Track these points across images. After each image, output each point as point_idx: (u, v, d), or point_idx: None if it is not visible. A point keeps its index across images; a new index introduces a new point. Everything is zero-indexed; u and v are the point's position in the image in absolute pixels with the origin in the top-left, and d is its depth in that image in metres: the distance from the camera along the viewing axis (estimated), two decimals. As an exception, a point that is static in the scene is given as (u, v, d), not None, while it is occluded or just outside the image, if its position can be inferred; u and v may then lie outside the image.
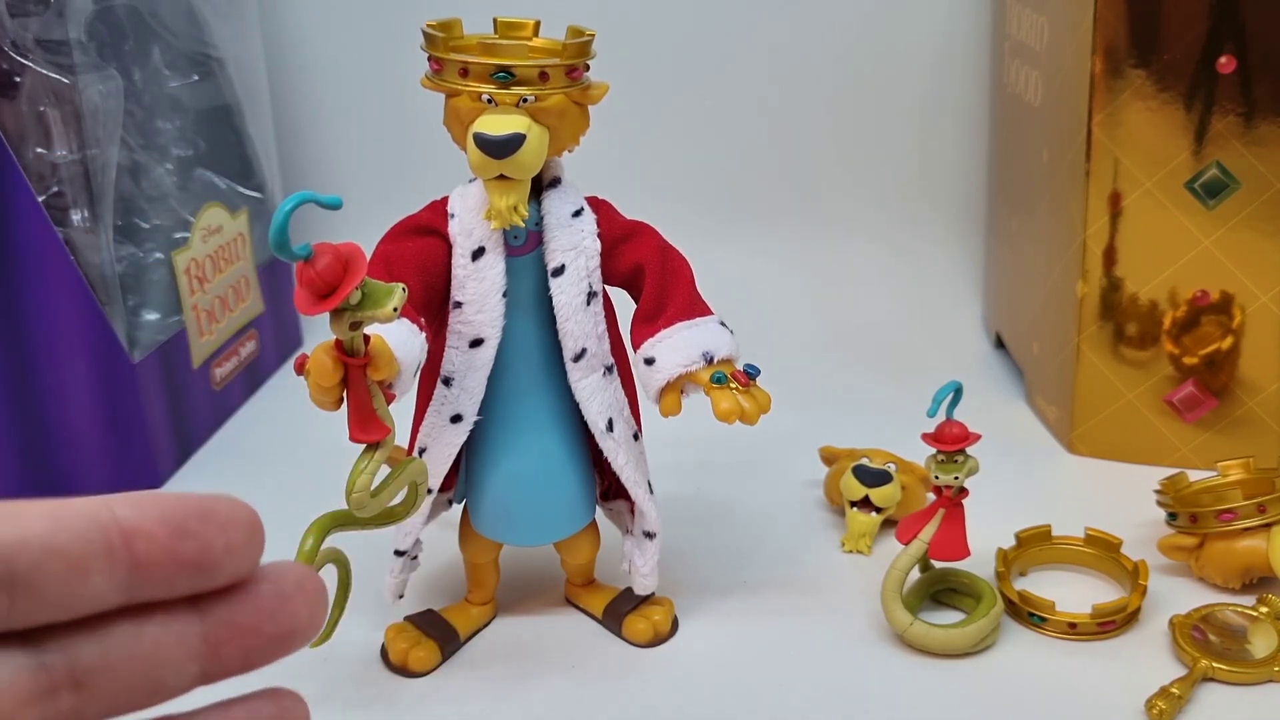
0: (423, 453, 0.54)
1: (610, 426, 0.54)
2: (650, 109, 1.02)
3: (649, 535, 0.57)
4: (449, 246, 0.52)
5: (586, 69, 0.51)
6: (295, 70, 1.04)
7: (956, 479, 0.56)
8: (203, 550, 0.22)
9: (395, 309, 0.40)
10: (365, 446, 0.43)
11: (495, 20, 0.52)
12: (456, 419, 0.53)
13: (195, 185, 0.84)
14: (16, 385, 0.71)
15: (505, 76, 0.49)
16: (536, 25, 0.53)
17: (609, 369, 0.54)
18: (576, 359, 0.53)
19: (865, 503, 0.66)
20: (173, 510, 0.22)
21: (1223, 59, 0.66)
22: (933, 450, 0.57)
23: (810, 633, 0.58)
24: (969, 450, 0.56)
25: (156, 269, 0.78)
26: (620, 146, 0.96)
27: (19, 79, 0.67)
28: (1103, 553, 0.62)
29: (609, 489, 0.59)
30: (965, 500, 0.57)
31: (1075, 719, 0.52)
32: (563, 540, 0.58)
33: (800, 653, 0.57)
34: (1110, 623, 0.57)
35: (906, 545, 0.57)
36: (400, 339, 0.47)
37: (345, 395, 0.43)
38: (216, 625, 0.23)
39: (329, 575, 0.45)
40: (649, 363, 0.52)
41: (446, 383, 0.53)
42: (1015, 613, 0.59)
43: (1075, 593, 0.60)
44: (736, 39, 1.00)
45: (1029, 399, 0.83)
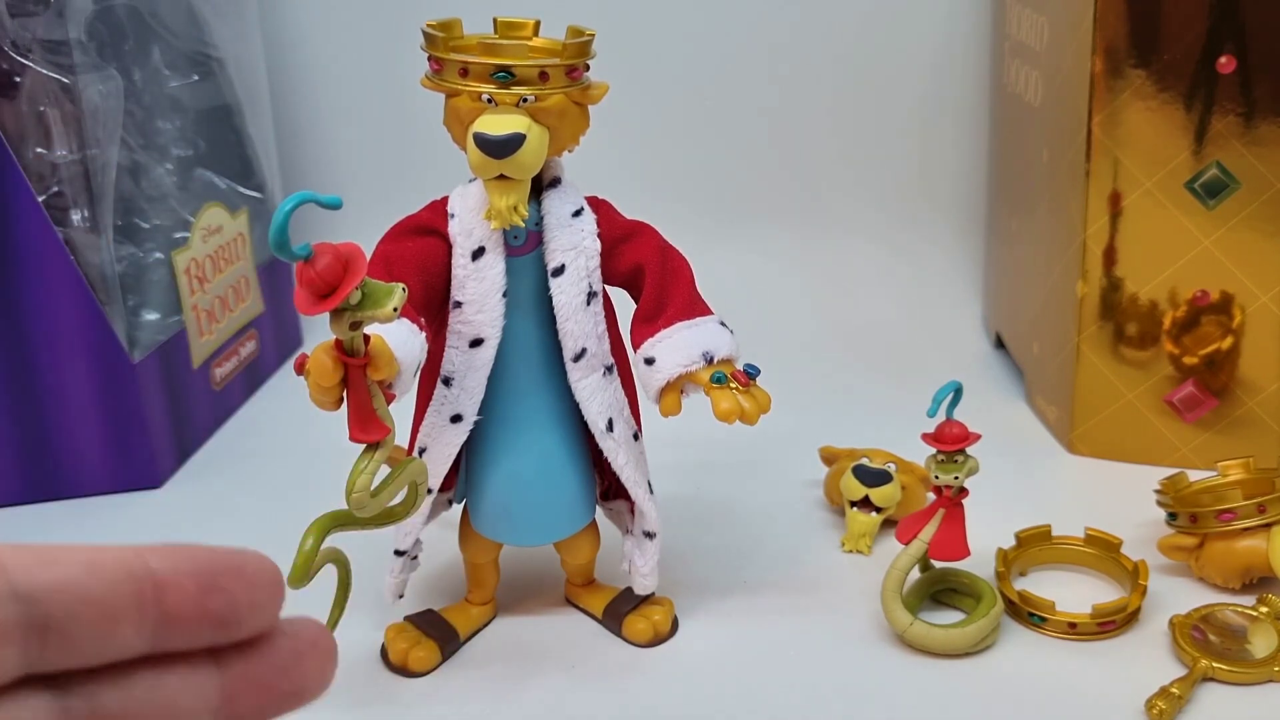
0: (423, 453, 0.54)
1: (610, 426, 0.54)
2: (650, 109, 1.02)
3: (649, 535, 0.57)
4: (449, 246, 0.52)
5: (586, 69, 0.51)
6: (295, 70, 1.04)
7: (956, 479, 0.56)
8: (229, 606, 0.23)
9: (395, 309, 0.40)
10: (365, 446, 0.44)
11: (495, 20, 0.52)
12: (456, 419, 0.53)
13: (195, 185, 0.84)
14: (16, 385, 0.71)
15: (505, 76, 0.49)
16: (536, 25, 0.53)
17: (609, 369, 0.54)
18: (576, 359, 0.53)
19: (865, 503, 0.66)
20: (204, 564, 0.23)
21: (1223, 59, 0.66)
22: (933, 450, 0.57)
23: (810, 633, 0.58)
24: (969, 450, 0.56)
25: (156, 269, 0.78)
26: (620, 146, 0.96)
27: (19, 79, 0.67)
28: (1103, 553, 0.62)
29: (609, 489, 0.59)
30: (965, 500, 0.57)
31: (1075, 719, 0.52)
32: (563, 540, 0.58)
33: (800, 653, 0.57)
34: (1110, 623, 0.57)
35: (906, 545, 0.57)
36: (400, 339, 0.47)
37: (345, 395, 0.43)
38: (234, 678, 0.23)
39: (329, 575, 0.45)
40: (649, 363, 0.52)
41: (446, 383, 0.53)
42: (1015, 613, 0.59)
43: (1075, 593, 0.60)
44: (736, 39, 1.00)
45: (1029, 399, 0.83)
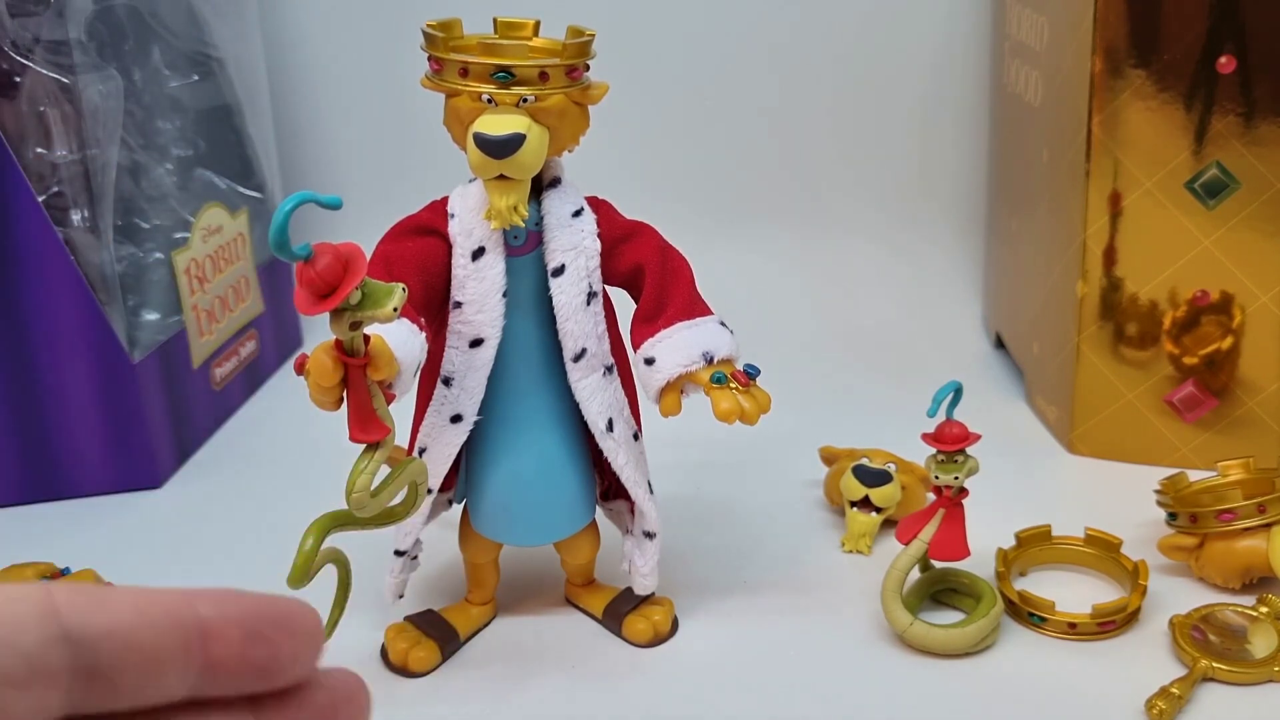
0: (423, 453, 0.54)
1: (610, 426, 0.54)
2: (650, 109, 1.02)
3: (649, 535, 0.57)
4: (449, 246, 0.52)
5: (586, 69, 0.51)
6: (295, 70, 1.04)
7: (956, 479, 0.56)
8: (272, 657, 0.23)
9: (395, 309, 0.40)
10: (365, 446, 0.44)
11: (495, 20, 0.52)
12: (456, 419, 0.53)
13: (195, 185, 0.84)
14: (16, 385, 0.71)
15: (505, 76, 0.49)
16: (536, 25, 0.53)
17: (609, 369, 0.54)
18: (576, 359, 0.53)
19: (865, 503, 0.66)
20: (250, 613, 0.23)
21: (1223, 59, 0.66)
22: (933, 450, 0.57)
23: (810, 633, 0.58)
24: (969, 450, 0.56)
25: (156, 269, 0.78)
26: (620, 146, 0.96)
27: (19, 79, 0.67)
28: (1103, 553, 0.62)
29: (609, 489, 0.59)
30: (965, 500, 0.57)
31: (1075, 719, 0.52)
32: (563, 540, 0.58)
33: (800, 653, 0.57)
34: (1110, 623, 0.57)
35: (906, 545, 0.57)
36: (400, 339, 0.47)
37: (345, 395, 0.43)
38: None
39: (329, 575, 0.45)
40: (649, 363, 0.52)
41: (446, 383, 0.53)
42: (1015, 613, 0.59)
43: (1075, 593, 0.60)
44: (736, 39, 1.00)
45: (1029, 399, 0.83)
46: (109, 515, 0.72)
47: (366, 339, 0.42)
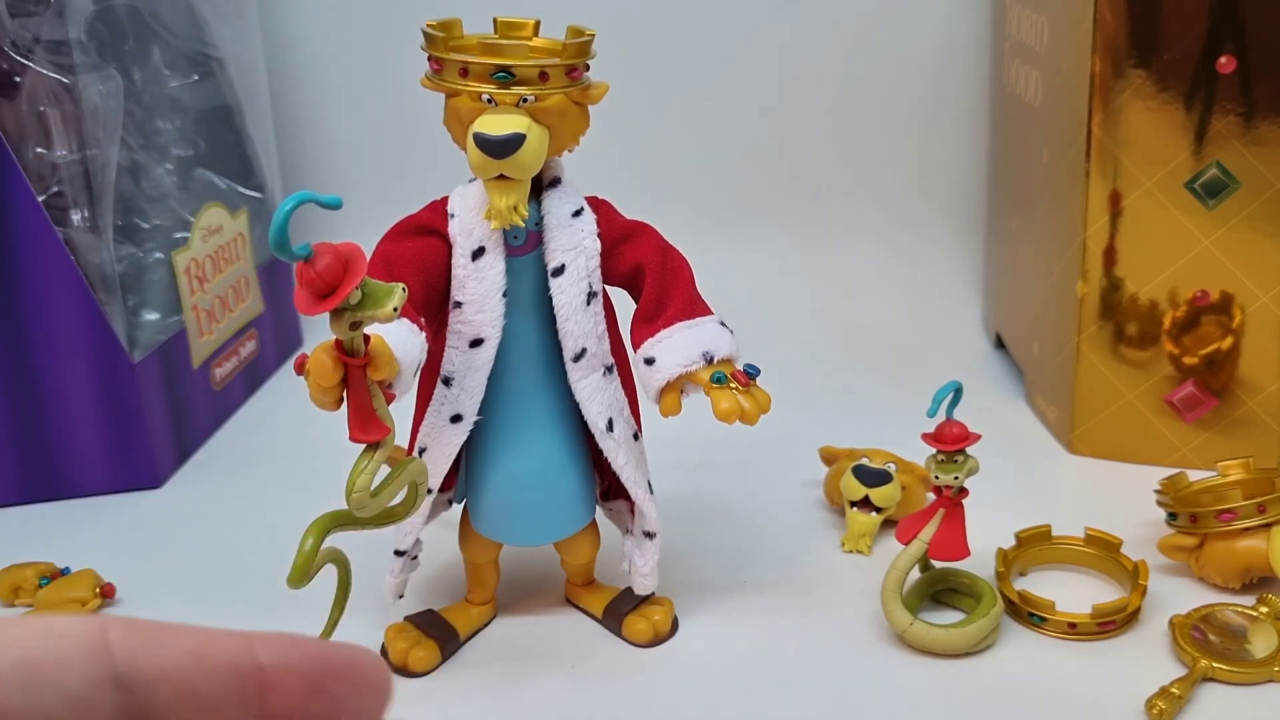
0: (423, 453, 0.54)
1: (610, 426, 0.54)
2: (650, 109, 1.02)
3: (649, 535, 0.57)
4: (449, 246, 0.52)
5: (586, 69, 0.51)
6: (295, 70, 1.04)
7: (956, 479, 0.56)
8: (332, 711, 0.21)
9: (395, 309, 0.40)
10: (365, 446, 0.44)
11: (495, 20, 0.52)
12: (456, 419, 0.53)
13: (195, 185, 0.84)
14: (16, 385, 0.71)
15: (505, 76, 0.49)
16: (536, 25, 0.53)
17: (609, 369, 0.54)
18: (576, 359, 0.53)
19: (865, 503, 0.66)
20: (313, 662, 0.21)
21: (1223, 59, 0.66)
22: (933, 450, 0.57)
23: (810, 633, 0.58)
24: (969, 450, 0.56)
25: (156, 269, 0.78)
26: (620, 146, 0.96)
27: (19, 79, 0.67)
28: (1103, 553, 0.62)
29: (609, 489, 0.59)
30: (965, 500, 0.57)
31: (1075, 719, 0.52)
32: (563, 540, 0.58)
33: (800, 653, 0.57)
34: (1110, 623, 0.57)
35: (906, 545, 0.57)
36: (400, 339, 0.47)
37: (345, 395, 0.43)
38: None
39: (329, 575, 0.45)
40: (649, 363, 0.52)
41: (446, 383, 0.53)
42: (1015, 613, 0.59)
43: (1075, 593, 0.60)
44: (736, 39, 1.00)
45: (1029, 399, 0.83)
46: (109, 515, 0.72)
47: (366, 339, 0.42)
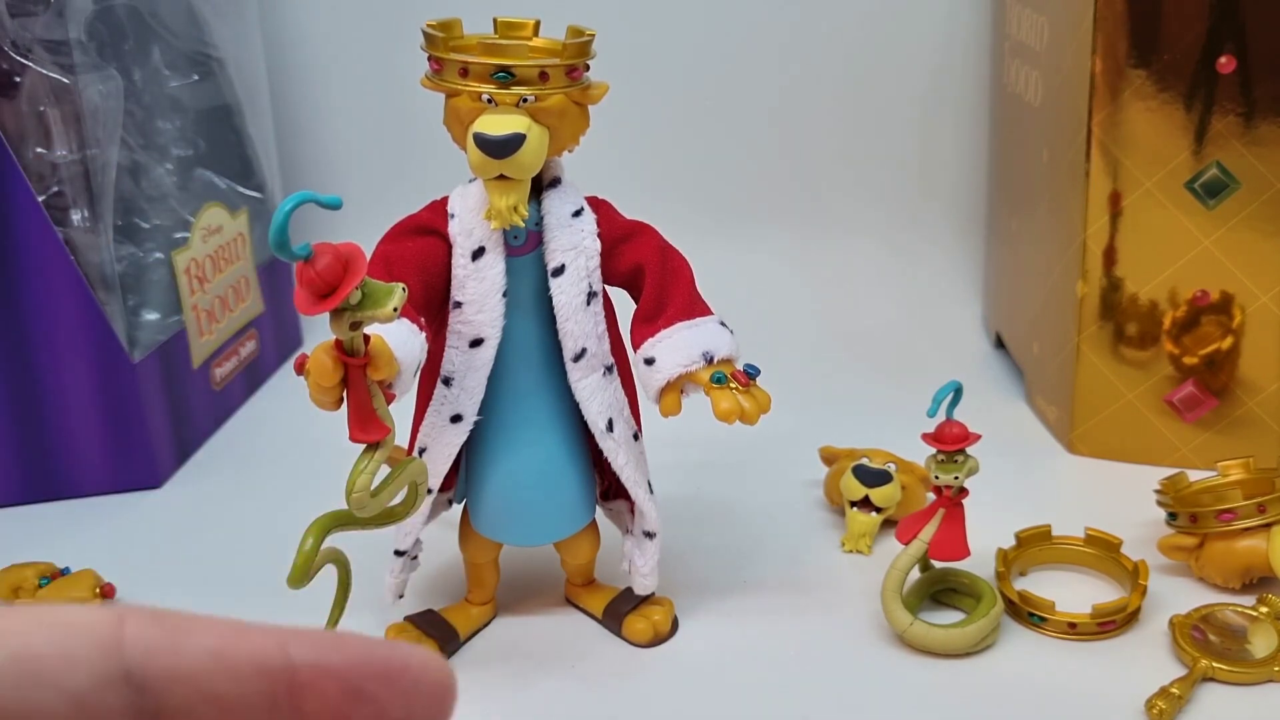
0: (423, 453, 0.54)
1: (610, 426, 0.54)
2: (650, 109, 1.02)
3: (649, 535, 0.57)
4: (449, 246, 0.52)
5: (586, 69, 0.51)
6: (295, 70, 1.04)
7: (956, 479, 0.56)
8: (377, 718, 0.19)
9: (395, 309, 0.40)
10: (365, 446, 0.44)
11: (495, 20, 0.52)
12: (456, 419, 0.53)
13: (195, 185, 0.84)
14: (16, 385, 0.71)
15: (505, 76, 0.49)
16: (536, 25, 0.53)
17: (609, 369, 0.54)
18: (576, 359, 0.53)
19: (865, 503, 0.66)
20: (354, 662, 0.18)
21: (1223, 59, 0.66)
22: (933, 450, 0.57)
23: (810, 633, 0.58)
24: (969, 450, 0.56)
25: (156, 269, 0.78)
26: (620, 146, 0.96)
27: (19, 79, 0.67)
28: (1103, 553, 0.62)
29: (609, 489, 0.59)
30: (965, 500, 0.57)
31: (1075, 719, 0.52)
32: (563, 540, 0.58)
33: (800, 653, 0.57)
34: (1110, 623, 0.57)
35: (906, 545, 0.57)
36: (400, 339, 0.47)
37: (345, 395, 0.43)
38: None
39: (329, 575, 0.45)
40: (649, 363, 0.52)
41: (446, 383, 0.53)
42: (1015, 613, 0.59)
43: (1075, 593, 0.60)
44: (737, 39, 1.00)
45: (1029, 399, 0.83)
46: (109, 515, 0.72)
47: (366, 339, 0.42)
